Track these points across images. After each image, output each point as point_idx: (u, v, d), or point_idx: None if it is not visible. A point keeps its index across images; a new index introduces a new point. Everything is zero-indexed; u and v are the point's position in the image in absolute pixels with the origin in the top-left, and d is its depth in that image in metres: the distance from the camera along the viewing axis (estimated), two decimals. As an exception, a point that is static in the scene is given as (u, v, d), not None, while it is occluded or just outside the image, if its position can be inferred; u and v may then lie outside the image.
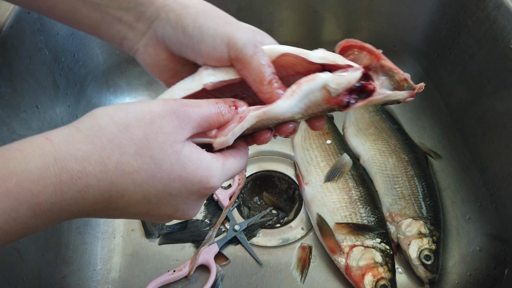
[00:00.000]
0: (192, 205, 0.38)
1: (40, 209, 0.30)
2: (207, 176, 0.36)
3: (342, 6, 0.83)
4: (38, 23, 0.63)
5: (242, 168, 0.41)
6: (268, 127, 0.41)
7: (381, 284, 0.60)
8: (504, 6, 0.62)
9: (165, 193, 0.35)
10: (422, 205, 0.68)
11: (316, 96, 0.39)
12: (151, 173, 0.34)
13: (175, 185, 0.35)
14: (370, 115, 0.82)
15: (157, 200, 0.35)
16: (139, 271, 0.66)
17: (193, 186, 0.36)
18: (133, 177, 0.33)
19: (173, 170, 0.34)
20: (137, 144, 0.33)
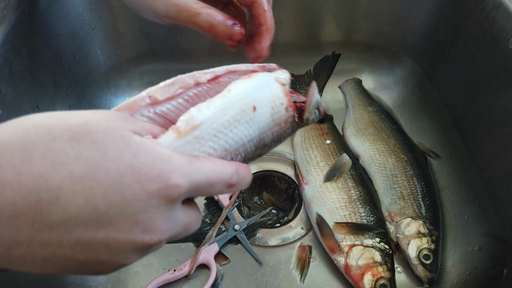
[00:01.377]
0: (156, 215, 0.27)
1: None
2: (167, 170, 0.27)
3: (341, 7, 0.83)
4: (39, 24, 0.64)
5: (224, 177, 0.31)
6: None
7: (381, 283, 0.60)
8: (503, 6, 0.62)
9: (115, 193, 0.26)
10: (421, 204, 0.68)
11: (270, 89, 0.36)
12: (94, 163, 0.25)
13: (127, 181, 0.26)
14: (369, 115, 0.82)
15: (106, 206, 0.25)
16: (139, 271, 0.66)
17: (151, 184, 0.27)
18: (69, 168, 0.24)
19: (122, 158, 0.26)
20: (73, 129, 0.26)
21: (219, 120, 0.32)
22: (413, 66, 0.86)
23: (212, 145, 0.32)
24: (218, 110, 0.32)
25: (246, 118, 0.34)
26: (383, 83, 0.90)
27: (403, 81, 0.88)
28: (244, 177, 0.33)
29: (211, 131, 0.32)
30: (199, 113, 0.32)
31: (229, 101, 0.33)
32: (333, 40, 0.88)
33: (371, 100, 0.85)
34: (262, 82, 0.36)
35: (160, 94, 0.33)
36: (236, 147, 0.34)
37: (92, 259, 0.27)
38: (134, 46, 0.82)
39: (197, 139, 0.31)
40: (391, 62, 0.89)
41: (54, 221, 0.24)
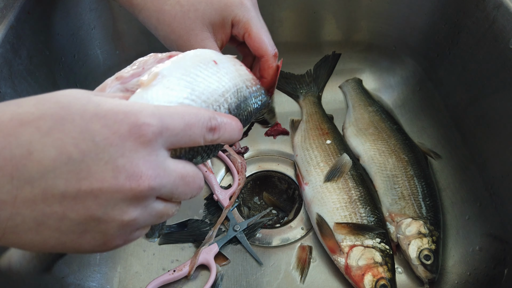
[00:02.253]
0: (136, 159, 0.26)
1: None
2: (133, 111, 0.27)
3: (342, 6, 0.83)
4: (39, 23, 0.64)
5: (200, 120, 0.30)
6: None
7: (381, 284, 0.60)
8: (503, 6, 0.62)
9: (86, 140, 0.25)
10: (421, 205, 0.68)
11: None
12: (59, 117, 0.26)
13: (95, 127, 0.26)
14: (370, 115, 0.82)
15: (81, 155, 0.25)
16: (139, 271, 0.66)
17: (120, 126, 0.26)
18: (36, 124, 0.25)
19: (86, 109, 0.26)
20: (38, 98, 0.27)
21: (181, 70, 0.32)
22: (414, 66, 0.85)
23: (188, 96, 0.31)
24: (176, 61, 0.33)
25: (211, 70, 0.34)
26: (383, 83, 0.90)
27: (403, 81, 0.88)
28: (228, 122, 0.32)
29: (179, 81, 0.32)
30: (157, 67, 0.32)
31: (184, 56, 0.34)
32: (334, 39, 0.88)
33: (371, 100, 0.85)
34: (212, 51, 0.37)
35: (126, 73, 0.33)
36: (215, 98, 0.33)
37: (86, 216, 0.26)
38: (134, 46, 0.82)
39: (169, 90, 0.31)
40: (391, 62, 0.89)
41: (32, 175, 0.24)
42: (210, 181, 0.74)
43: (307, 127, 0.80)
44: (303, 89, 0.87)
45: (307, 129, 0.80)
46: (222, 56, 0.38)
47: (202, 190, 0.32)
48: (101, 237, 0.27)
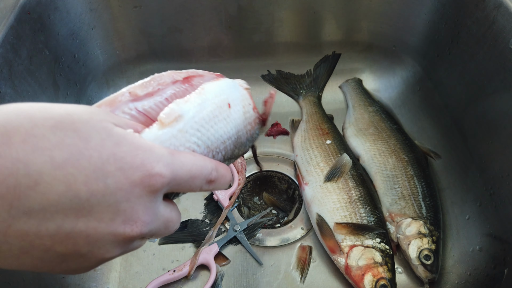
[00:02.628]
0: (138, 205, 0.27)
1: None
2: (150, 159, 0.27)
3: (342, 7, 0.83)
4: (39, 23, 0.64)
5: (205, 171, 0.31)
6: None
7: (381, 284, 0.60)
8: (503, 6, 0.62)
9: (98, 181, 0.25)
10: (421, 205, 0.68)
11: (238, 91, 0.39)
12: (76, 149, 0.25)
13: (110, 169, 0.25)
14: (370, 115, 0.82)
15: (88, 194, 0.25)
16: (139, 271, 0.66)
17: (134, 172, 0.26)
18: (50, 154, 0.24)
19: (104, 147, 0.26)
20: (56, 118, 0.25)
21: (200, 114, 0.34)
22: (414, 66, 0.85)
23: (196, 140, 0.33)
24: (197, 104, 0.34)
25: (223, 115, 0.36)
26: (383, 83, 0.90)
27: (403, 81, 0.88)
28: (224, 175, 0.34)
29: (194, 125, 0.33)
30: (179, 106, 0.32)
31: (206, 97, 0.35)
32: (334, 39, 0.88)
33: (371, 100, 0.85)
34: (230, 84, 0.38)
35: (140, 90, 0.34)
36: (217, 144, 0.35)
37: (71, 251, 0.26)
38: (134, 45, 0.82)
39: (182, 133, 0.32)
40: (391, 62, 0.89)
41: (33, 208, 0.23)
42: (210, 181, 0.73)
43: (307, 127, 0.80)
44: (303, 89, 0.87)
45: (307, 129, 0.80)
46: (237, 92, 0.39)
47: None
48: (76, 266, 0.27)
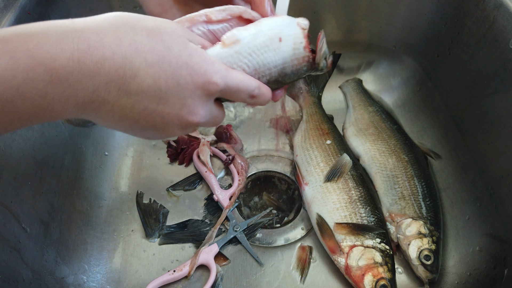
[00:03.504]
0: (198, 102, 0.38)
1: (57, 75, 0.31)
2: (211, 71, 0.38)
3: (342, 7, 0.83)
4: (39, 24, 0.64)
5: (250, 88, 0.41)
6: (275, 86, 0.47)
7: (381, 284, 0.60)
8: (503, 6, 0.62)
9: (173, 80, 0.36)
10: (422, 205, 0.68)
11: (293, 29, 0.45)
12: (162, 55, 0.35)
13: (182, 73, 0.36)
14: (370, 116, 0.82)
15: (166, 88, 0.36)
16: (139, 271, 0.66)
17: (199, 78, 0.37)
18: (145, 56, 0.34)
19: (181, 56, 0.36)
20: (149, 29, 0.36)
21: (254, 41, 0.42)
22: (414, 66, 0.85)
23: (247, 62, 0.43)
24: (253, 33, 0.43)
25: (274, 46, 0.43)
26: (383, 83, 0.90)
27: (403, 81, 0.88)
28: (264, 94, 0.44)
29: (248, 49, 0.42)
30: (239, 32, 0.42)
31: (261, 28, 0.43)
32: (334, 40, 0.88)
33: (371, 100, 0.85)
34: (287, 22, 0.45)
35: (214, 15, 0.44)
36: (264, 69, 0.44)
37: (150, 125, 0.38)
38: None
39: (237, 54, 0.42)
40: (391, 62, 0.89)
41: (131, 91, 0.35)
42: (210, 181, 0.74)
43: (307, 127, 0.80)
44: (303, 89, 0.87)
45: (307, 129, 0.80)
46: (292, 30, 0.45)
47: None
48: (150, 136, 0.40)
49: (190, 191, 0.75)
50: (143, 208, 0.72)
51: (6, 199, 0.53)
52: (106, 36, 0.33)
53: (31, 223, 0.57)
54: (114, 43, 0.33)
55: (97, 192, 0.73)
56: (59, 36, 0.31)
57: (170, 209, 0.72)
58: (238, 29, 0.43)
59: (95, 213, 0.70)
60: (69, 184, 0.68)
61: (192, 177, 0.76)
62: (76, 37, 0.32)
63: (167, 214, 0.72)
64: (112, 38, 0.33)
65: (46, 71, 0.30)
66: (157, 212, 0.71)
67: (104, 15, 0.36)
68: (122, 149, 0.79)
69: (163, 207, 0.72)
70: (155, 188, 0.75)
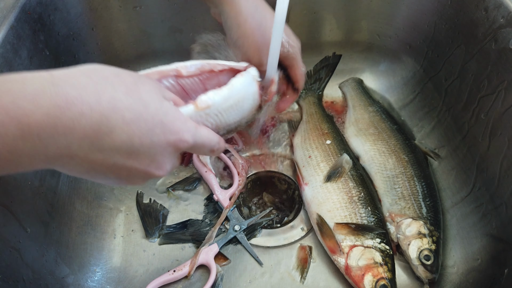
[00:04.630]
0: (167, 159, 0.40)
1: (29, 131, 0.30)
2: (183, 130, 0.40)
3: (342, 7, 0.83)
4: (39, 23, 0.64)
5: (212, 143, 0.45)
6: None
7: (381, 284, 0.60)
8: (503, 6, 0.62)
9: (147, 137, 0.37)
10: (422, 205, 0.68)
11: (253, 87, 0.51)
12: (139, 113, 0.36)
13: (157, 131, 0.37)
14: (370, 115, 0.82)
15: (139, 145, 0.36)
16: (139, 271, 0.66)
17: (171, 136, 0.39)
18: (123, 113, 0.35)
19: (157, 114, 0.37)
20: (128, 86, 0.36)
21: (223, 105, 0.47)
22: (414, 66, 0.85)
23: (212, 121, 0.47)
24: (224, 98, 0.47)
25: (238, 106, 0.49)
26: (383, 83, 0.90)
27: (403, 81, 0.88)
28: (222, 147, 0.48)
29: (215, 111, 0.46)
30: (212, 98, 0.45)
31: (231, 92, 0.47)
32: (334, 40, 0.88)
33: (371, 100, 0.85)
34: (249, 81, 0.50)
35: (185, 71, 0.48)
36: (224, 126, 0.49)
37: (115, 176, 0.39)
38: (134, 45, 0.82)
39: (206, 115, 0.46)
40: (391, 62, 0.89)
41: (104, 147, 0.35)
42: (210, 181, 0.74)
43: (307, 127, 0.80)
44: (303, 89, 0.87)
45: (307, 129, 0.80)
46: (252, 88, 0.51)
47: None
48: (112, 183, 0.41)
49: (190, 191, 0.75)
50: (143, 208, 0.72)
51: (6, 199, 0.53)
52: (85, 91, 0.33)
53: (31, 223, 0.57)
54: (93, 99, 0.33)
55: (97, 192, 0.73)
56: (36, 91, 0.31)
57: (170, 209, 0.73)
58: (213, 93, 0.46)
59: (95, 213, 0.70)
60: (69, 184, 0.68)
61: (192, 177, 0.76)
62: (54, 93, 0.31)
63: (167, 214, 0.72)
64: (91, 94, 0.33)
65: (17, 126, 0.30)
66: (157, 212, 0.71)
67: (83, 68, 0.36)
68: None
69: (163, 207, 0.72)
70: (155, 188, 0.75)
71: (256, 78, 0.51)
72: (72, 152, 0.34)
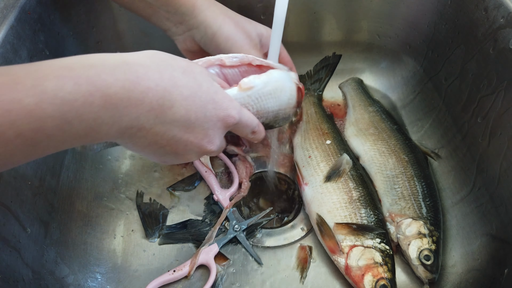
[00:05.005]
0: (217, 133, 0.45)
1: (110, 101, 0.35)
2: (231, 107, 0.45)
3: (342, 7, 0.83)
4: (39, 23, 0.64)
5: (253, 124, 0.51)
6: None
7: (381, 284, 0.60)
8: (504, 6, 0.62)
9: (201, 112, 0.42)
10: (422, 205, 0.68)
11: (290, 84, 0.57)
12: (194, 90, 0.41)
13: (209, 106, 0.43)
14: (370, 115, 0.82)
15: (195, 118, 0.42)
16: (139, 271, 0.66)
17: (221, 112, 0.44)
18: (181, 90, 0.40)
19: (209, 92, 0.43)
20: (183, 67, 0.42)
21: (263, 89, 0.52)
22: (414, 66, 0.85)
23: (253, 104, 0.52)
24: (264, 82, 0.52)
25: (276, 95, 0.54)
26: (383, 83, 0.90)
27: (403, 81, 0.88)
28: (262, 131, 0.53)
29: (256, 95, 0.52)
30: (254, 80, 0.51)
31: (270, 79, 0.53)
32: (334, 40, 0.88)
33: (371, 100, 0.85)
34: (287, 77, 0.56)
35: (228, 61, 0.54)
36: (263, 112, 0.54)
37: (173, 151, 0.43)
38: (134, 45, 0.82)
39: (248, 97, 0.51)
40: (391, 62, 0.89)
41: (166, 120, 0.40)
42: (210, 181, 0.74)
43: (307, 127, 0.80)
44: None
45: (307, 129, 0.80)
46: (290, 84, 0.56)
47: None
48: (169, 160, 0.46)
49: (190, 191, 0.75)
50: (143, 208, 0.72)
51: (6, 199, 0.53)
52: (150, 70, 0.38)
53: (31, 223, 0.57)
54: (157, 76, 0.38)
55: (97, 192, 0.73)
56: (113, 67, 0.36)
57: (170, 209, 0.73)
58: (254, 77, 0.51)
59: (95, 213, 0.70)
60: (69, 184, 0.68)
61: (192, 177, 0.76)
62: (127, 69, 0.37)
63: (167, 214, 0.72)
64: (155, 72, 0.38)
65: (101, 96, 0.34)
66: (157, 212, 0.71)
67: (144, 52, 0.41)
68: (122, 149, 0.79)
69: (163, 207, 0.72)
70: (155, 188, 0.75)
71: (294, 79, 0.57)
72: (140, 123, 0.38)
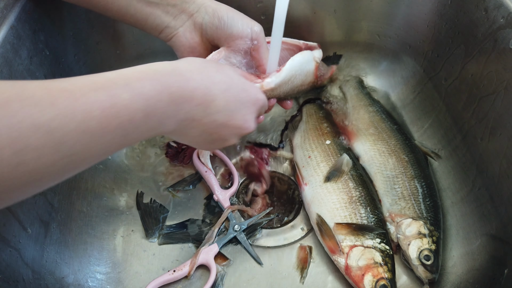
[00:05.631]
0: (252, 116, 0.54)
1: (173, 98, 0.43)
2: (259, 93, 0.56)
3: (342, 7, 0.83)
4: (39, 23, 0.64)
5: (271, 104, 0.64)
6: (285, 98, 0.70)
7: (381, 284, 0.60)
8: (504, 6, 0.62)
9: (238, 101, 0.51)
10: (422, 205, 0.68)
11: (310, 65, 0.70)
12: (229, 84, 0.50)
13: (243, 95, 0.52)
14: (370, 116, 0.82)
15: (234, 107, 0.50)
16: (139, 271, 0.66)
17: (252, 97, 0.54)
18: (219, 86, 0.48)
19: (239, 83, 0.52)
20: (215, 67, 0.51)
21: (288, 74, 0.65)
22: (414, 66, 0.85)
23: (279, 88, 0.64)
24: (282, 77, 0.63)
25: (298, 77, 0.67)
26: (383, 83, 0.90)
27: (403, 81, 0.88)
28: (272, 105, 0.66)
29: (282, 81, 0.64)
30: (275, 80, 0.63)
31: (290, 70, 0.65)
32: (334, 40, 0.88)
33: (371, 100, 0.85)
34: (307, 58, 0.69)
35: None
36: (281, 94, 0.66)
37: (219, 137, 0.52)
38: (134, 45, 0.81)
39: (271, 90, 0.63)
40: (391, 62, 0.89)
41: (212, 111, 0.48)
42: (210, 181, 0.74)
43: (306, 127, 0.80)
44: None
45: (306, 129, 0.80)
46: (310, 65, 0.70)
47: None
48: (215, 146, 0.56)
49: (190, 191, 0.75)
50: (143, 208, 0.72)
51: (6, 199, 0.53)
52: (193, 73, 0.46)
53: (31, 223, 0.57)
54: (199, 77, 0.46)
55: (97, 192, 0.73)
56: (170, 72, 0.44)
57: (170, 209, 0.73)
58: (275, 76, 0.63)
59: (95, 213, 0.70)
60: (69, 184, 0.68)
61: (192, 177, 0.76)
62: (179, 73, 0.44)
63: (167, 214, 0.72)
64: (197, 74, 0.46)
65: (167, 94, 0.42)
66: (157, 212, 0.71)
67: (184, 59, 0.49)
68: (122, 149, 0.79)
69: (163, 207, 0.72)
70: (155, 188, 0.75)
71: (316, 58, 0.70)
72: (192, 116, 0.46)
